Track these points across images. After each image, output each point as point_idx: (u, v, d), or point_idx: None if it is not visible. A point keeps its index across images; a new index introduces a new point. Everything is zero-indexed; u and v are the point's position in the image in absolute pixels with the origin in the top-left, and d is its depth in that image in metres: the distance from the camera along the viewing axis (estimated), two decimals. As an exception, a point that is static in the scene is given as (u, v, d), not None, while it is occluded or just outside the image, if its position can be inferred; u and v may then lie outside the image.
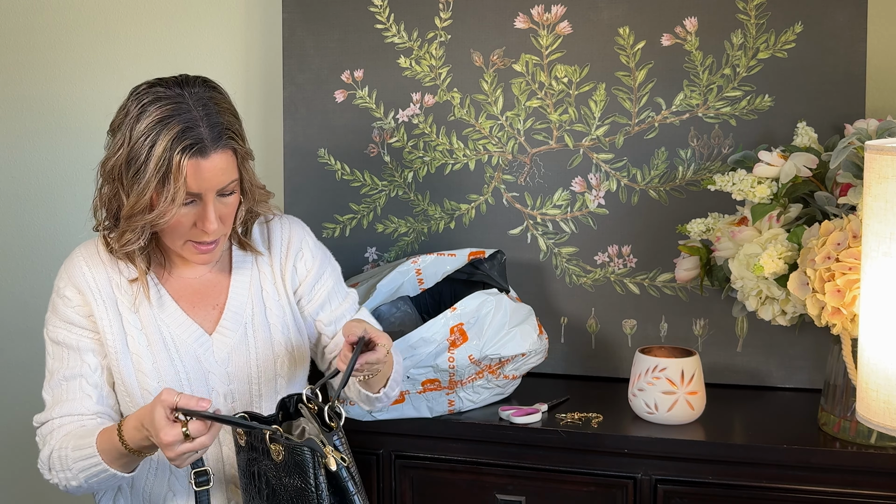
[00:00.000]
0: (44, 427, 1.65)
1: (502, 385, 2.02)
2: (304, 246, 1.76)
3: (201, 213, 1.56)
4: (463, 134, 2.20)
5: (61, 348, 1.65)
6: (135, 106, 1.54)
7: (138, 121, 1.52)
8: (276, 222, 1.76)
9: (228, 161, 1.56)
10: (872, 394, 1.38)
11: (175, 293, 1.69)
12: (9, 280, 2.68)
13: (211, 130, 1.53)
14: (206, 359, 1.66)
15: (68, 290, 1.65)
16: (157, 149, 1.50)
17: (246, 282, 1.71)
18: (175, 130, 1.50)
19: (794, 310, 1.79)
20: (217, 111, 1.55)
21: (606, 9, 2.12)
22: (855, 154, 1.70)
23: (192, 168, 1.51)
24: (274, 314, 1.72)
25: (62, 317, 1.65)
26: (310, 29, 2.25)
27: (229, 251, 1.73)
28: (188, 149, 1.51)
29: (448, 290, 2.12)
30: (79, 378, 1.64)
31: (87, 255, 1.67)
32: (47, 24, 2.55)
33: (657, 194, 2.13)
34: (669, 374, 1.87)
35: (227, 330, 1.68)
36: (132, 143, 1.52)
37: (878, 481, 1.75)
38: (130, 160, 1.52)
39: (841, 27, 2.02)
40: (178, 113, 1.52)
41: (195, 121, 1.52)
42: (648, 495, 1.85)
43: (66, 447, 1.59)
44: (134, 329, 1.65)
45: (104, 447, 1.55)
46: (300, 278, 1.75)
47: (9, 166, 2.64)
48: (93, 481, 1.58)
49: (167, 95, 1.53)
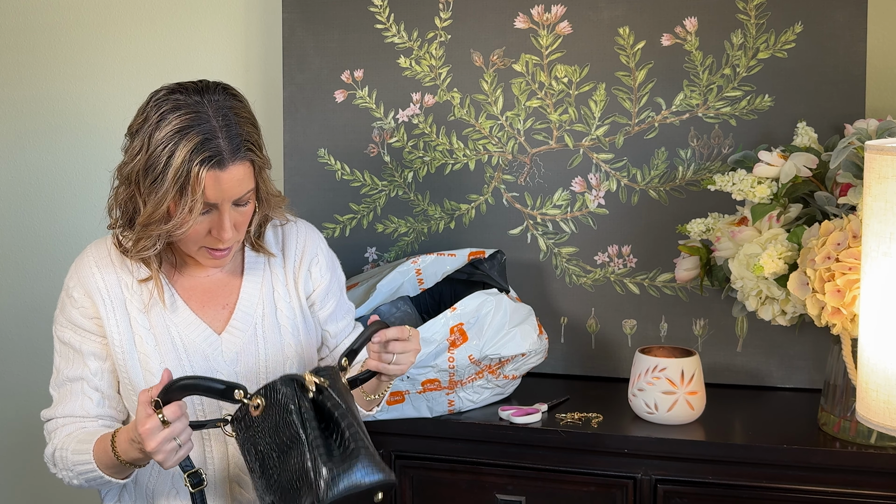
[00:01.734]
0: (49, 424, 1.68)
1: (502, 385, 2.02)
2: (320, 252, 1.77)
3: (216, 222, 1.56)
4: (463, 134, 2.20)
5: (66, 348, 1.67)
6: (154, 112, 1.53)
7: (157, 128, 1.51)
8: (290, 226, 1.77)
9: (246, 172, 1.55)
10: (872, 394, 1.38)
11: (185, 293, 1.69)
12: (9, 280, 2.68)
13: (230, 142, 1.52)
14: (215, 358, 1.66)
15: (76, 291, 1.66)
16: (176, 159, 1.49)
17: (258, 283, 1.72)
18: (195, 141, 1.49)
19: (794, 310, 1.79)
20: (236, 121, 1.54)
21: (606, 9, 2.12)
22: (855, 154, 1.70)
23: (210, 180, 1.51)
24: (285, 315, 1.72)
25: (68, 317, 1.66)
26: (310, 29, 2.25)
27: (242, 252, 1.74)
28: (207, 161, 1.50)
29: (448, 290, 2.12)
30: (80, 381, 1.66)
31: (98, 256, 1.67)
32: (47, 24, 2.55)
33: (657, 194, 2.13)
34: (669, 374, 1.87)
35: (237, 330, 1.68)
36: (150, 151, 1.51)
37: (878, 481, 1.75)
38: (149, 167, 1.52)
39: (841, 27, 2.02)
40: (197, 123, 1.51)
41: (214, 131, 1.51)
42: (648, 495, 1.85)
43: (66, 448, 1.62)
44: (142, 329, 1.65)
45: (99, 455, 1.57)
46: (314, 284, 1.76)
47: (9, 166, 2.64)
48: (91, 483, 1.62)
49: (186, 104, 1.52)
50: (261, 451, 1.46)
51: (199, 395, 1.53)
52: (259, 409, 1.45)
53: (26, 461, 2.73)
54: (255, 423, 1.46)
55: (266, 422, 1.45)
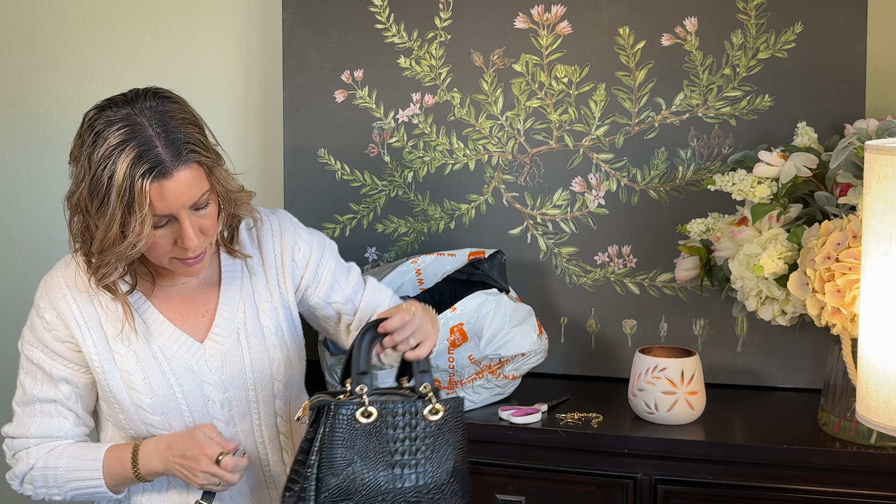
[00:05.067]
0: (16, 442, 1.64)
1: (502, 385, 2.02)
2: (297, 237, 1.72)
3: (179, 232, 1.50)
4: (463, 134, 2.20)
5: (35, 368, 1.63)
6: (89, 133, 1.48)
7: (94, 148, 1.46)
8: (264, 225, 1.71)
9: (195, 175, 1.48)
10: (872, 394, 1.38)
11: (162, 306, 1.64)
12: (8, 280, 2.68)
13: (170, 148, 1.45)
14: (199, 368, 1.63)
15: (48, 313, 1.61)
16: (118, 177, 1.43)
17: (237, 287, 1.68)
18: (132, 155, 1.43)
19: (794, 310, 1.79)
20: (174, 125, 1.47)
21: (606, 9, 2.12)
22: (855, 154, 1.70)
23: (155, 192, 1.45)
24: (267, 317, 1.68)
25: (40, 338, 1.62)
26: (310, 29, 2.25)
27: (217, 257, 1.69)
28: (148, 173, 1.44)
29: (448, 290, 2.12)
30: (52, 402, 1.63)
31: (68, 276, 1.63)
32: (47, 24, 2.55)
33: (657, 194, 2.13)
34: (669, 374, 1.87)
35: (219, 336, 1.65)
36: (92, 174, 1.46)
37: (878, 481, 1.75)
38: (93, 192, 1.47)
39: (841, 27, 2.02)
40: (132, 136, 1.45)
41: (151, 140, 1.45)
42: (648, 495, 1.85)
43: (55, 466, 1.61)
44: (122, 347, 1.61)
45: (110, 468, 1.58)
46: (301, 270, 1.72)
47: (9, 166, 2.64)
48: (78, 497, 1.62)
49: (119, 118, 1.46)
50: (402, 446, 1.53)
51: None
52: (438, 413, 1.53)
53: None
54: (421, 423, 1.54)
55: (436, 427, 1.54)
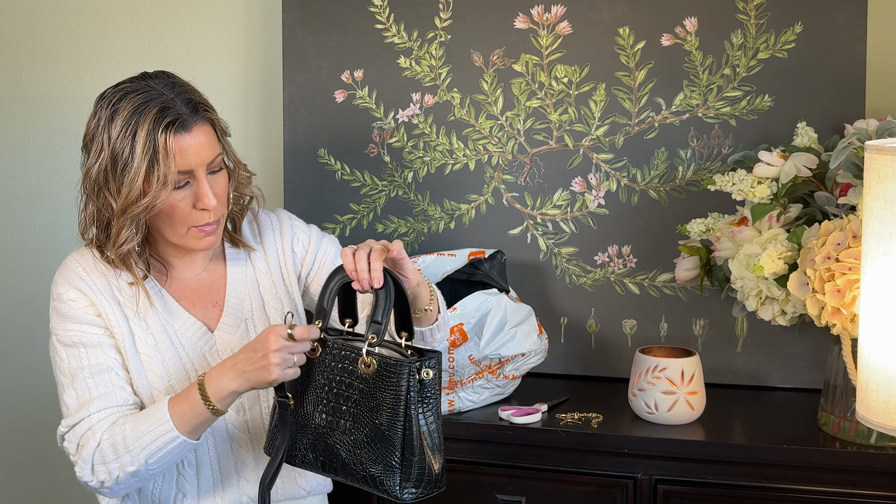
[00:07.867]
0: (78, 427, 1.59)
1: (502, 385, 2.02)
2: (295, 229, 1.80)
3: (197, 192, 1.57)
4: (463, 134, 2.20)
5: (77, 349, 1.61)
6: (105, 109, 1.56)
7: (112, 121, 1.54)
8: (263, 217, 1.79)
9: (209, 134, 1.58)
10: (872, 394, 1.38)
11: (176, 294, 1.70)
12: (9, 280, 2.68)
13: (186, 106, 1.56)
14: (212, 355, 1.68)
15: (71, 293, 1.63)
16: (141, 135, 1.52)
17: (242, 278, 1.74)
18: (153, 112, 1.53)
19: (794, 310, 1.79)
20: (185, 91, 1.59)
21: (606, 9, 2.12)
22: (855, 154, 1.70)
23: (178, 144, 1.53)
24: (272, 307, 1.74)
25: (72, 318, 1.62)
26: (310, 29, 2.25)
27: (222, 248, 1.75)
28: (171, 125, 1.53)
29: (448, 290, 2.12)
30: (109, 372, 1.61)
31: (83, 261, 1.66)
32: (47, 24, 2.55)
33: (657, 194, 2.13)
34: (669, 374, 1.87)
35: (229, 326, 1.71)
36: (112, 143, 1.54)
37: (878, 481, 1.75)
38: (115, 158, 1.54)
39: (841, 27, 2.02)
40: (150, 98, 1.55)
41: (170, 100, 1.55)
42: (648, 495, 1.85)
43: (121, 433, 1.55)
44: (140, 330, 1.65)
45: (180, 412, 1.54)
46: (300, 258, 1.79)
47: (9, 166, 2.64)
48: (153, 461, 1.55)
49: (134, 88, 1.56)
50: (341, 392, 1.52)
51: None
52: (371, 367, 1.49)
53: (27, 459, 2.73)
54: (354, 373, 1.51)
55: (368, 380, 1.50)
